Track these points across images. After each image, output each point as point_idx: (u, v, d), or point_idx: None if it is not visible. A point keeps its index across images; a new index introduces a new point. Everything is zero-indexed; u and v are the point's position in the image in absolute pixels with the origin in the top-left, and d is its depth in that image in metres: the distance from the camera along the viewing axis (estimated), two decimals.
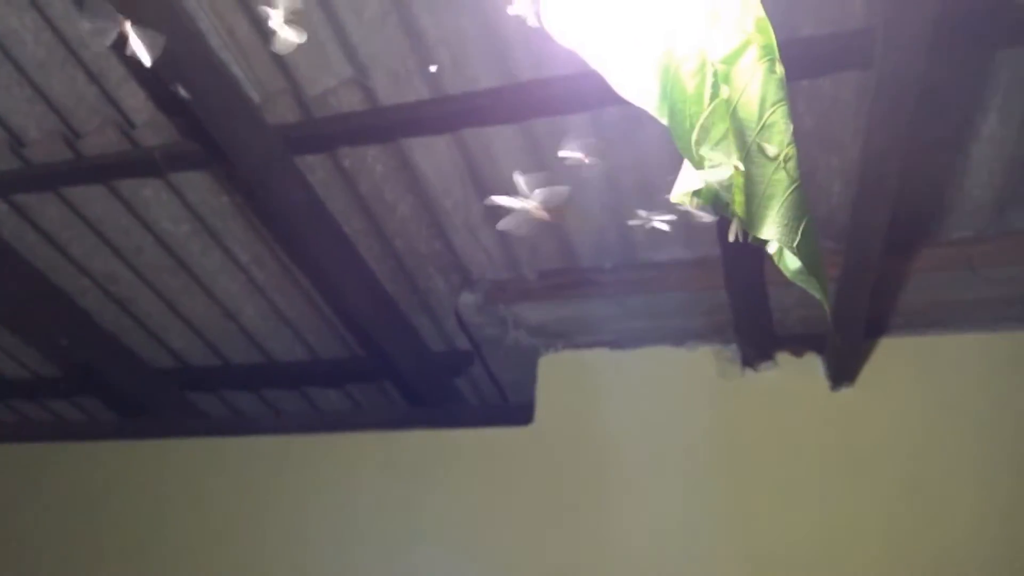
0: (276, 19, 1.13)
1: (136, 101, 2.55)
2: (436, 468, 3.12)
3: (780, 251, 0.81)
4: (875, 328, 2.75)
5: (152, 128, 2.60)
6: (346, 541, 3.13)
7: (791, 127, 0.76)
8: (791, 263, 0.82)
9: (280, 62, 2.37)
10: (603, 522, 2.84)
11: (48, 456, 3.78)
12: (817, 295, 0.84)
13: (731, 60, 0.77)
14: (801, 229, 0.77)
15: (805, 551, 2.62)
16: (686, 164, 0.85)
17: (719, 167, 0.76)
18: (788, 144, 0.76)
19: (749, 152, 0.76)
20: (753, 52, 0.77)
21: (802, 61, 2.14)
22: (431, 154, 2.56)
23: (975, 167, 2.38)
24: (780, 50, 2.04)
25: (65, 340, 3.36)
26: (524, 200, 1.07)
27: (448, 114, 2.41)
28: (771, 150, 0.74)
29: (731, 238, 0.86)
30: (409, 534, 3.05)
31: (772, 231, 0.77)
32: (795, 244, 0.77)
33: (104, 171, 2.74)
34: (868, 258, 2.23)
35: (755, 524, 2.69)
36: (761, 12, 0.79)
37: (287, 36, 1.15)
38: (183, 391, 3.76)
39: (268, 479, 3.35)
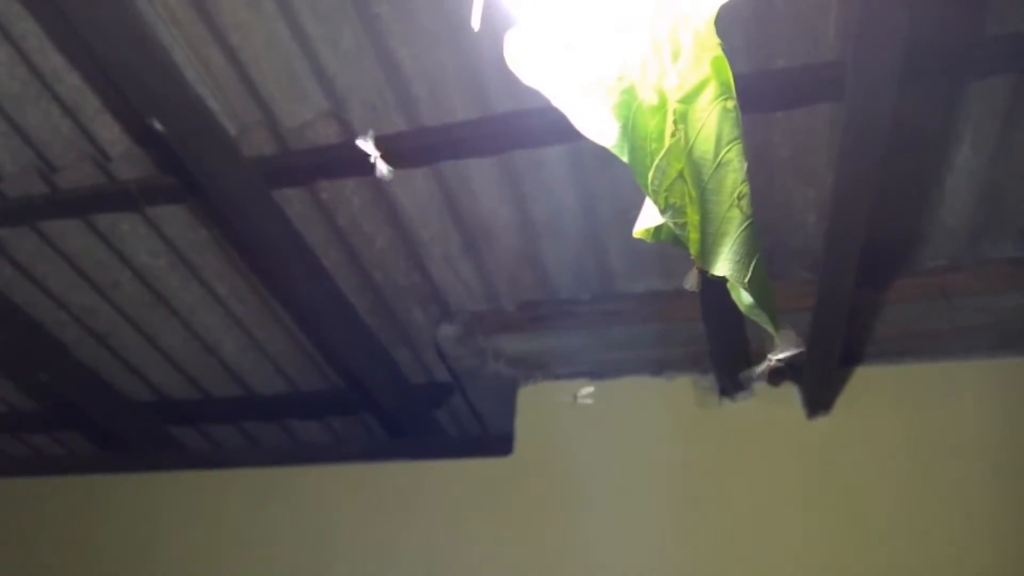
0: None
1: (111, 134, 2.54)
2: (416, 499, 3.10)
3: (734, 286, 0.82)
4: (851, 357, 2.76)
5: (128, 161, 2.59)
6: (326, 573, 3.11)
7: (745, 164, 0.77)
8: (744, 298, 0.83)
9: (256, 95, 2.38)
10: (582, 552, 2.83)
11: (28, 490, 3.75)
12: (768, 328, 0.84)
13: (689, 99, 0.78)
14: (752, 265, 0.78)
15: None
16: (648, 201, 0.86)
17: (675, 205, 0.77)
18: (742, 182, 0.77)
19: (704, 190, 0.77)
20: (710, 91, 0.78)
21: (776, 93, 2.16)
22: (409, 186, 2.56)
23: (949, 197, 2.40)
24: (754, 82, 2.06)
25: (44, 374, 3.34)
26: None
27: (425, 146, 2.42)
28: (726, 188, 0.75)
29: (687, 286, 0.87)
30: (389, 565, 3.03)
31: (724, 267, 0.78)
32: (747, 280, 0.78)
33: (80, 205, 2.73)
34: (842, 288, 2.24)
35: (733, 552, 2.69)
36: (719, 51, 0.79)
37: None
38: (163, 424, 3.73)
39: (249, 511, 3.33)
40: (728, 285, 0.83)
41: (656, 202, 0.79)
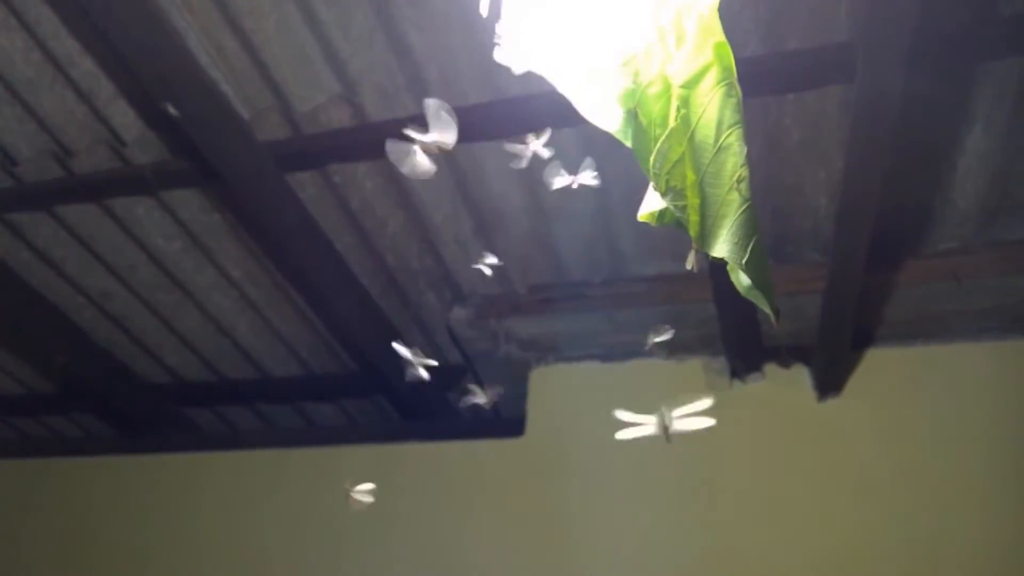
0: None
1: (126, 119, 2.56)
2: (429, 481, 3.12)
3: (734, 268, 0.83)
4: (861, 339, 2.77)
5: (142, 146, 2.61)
6: (340, 554, 3.14)
7: (745, 149, 0.78)
8: (742, 280, 0.84)
9: (269, 79, 2.39)
10: (593, 533, 2.84)
11: (45, 471, 3.79)
12: (766, 310, 0.85)
13: (691, 84, 0.79)
14: (750, 247, 0.79)
15: (793, 561, 2.63)
16: (651, 185, 0.87)
17: (675, 188, 0.78)
18: (742, 165, 0.78)
19: (704, 174, 0.78)
20: (712, 76, 0.79)
21: (788, 75, 2.15)
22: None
23: (960, 179, 2.39)
24: (765, 63, 2.06)
25: (61, 357, 3.37)
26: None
27: None
28: (725, 171, 0.76)
29: (688, 266, 0.88)
30: (402, 546, 3.05)
31: (723, 249, 0.79)
32: (744, 261, 0.79)
33: (96, 189, 2.75)
34: (852, 270, 2.24)
35: (744, 535, 2.70)
36: (721, 37, 0.80)
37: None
38: (178, 406, 3.77)
39: (263, 493, 3.36)
40: (728, 267, 0.84)
41: (657, 185, 0.80)
